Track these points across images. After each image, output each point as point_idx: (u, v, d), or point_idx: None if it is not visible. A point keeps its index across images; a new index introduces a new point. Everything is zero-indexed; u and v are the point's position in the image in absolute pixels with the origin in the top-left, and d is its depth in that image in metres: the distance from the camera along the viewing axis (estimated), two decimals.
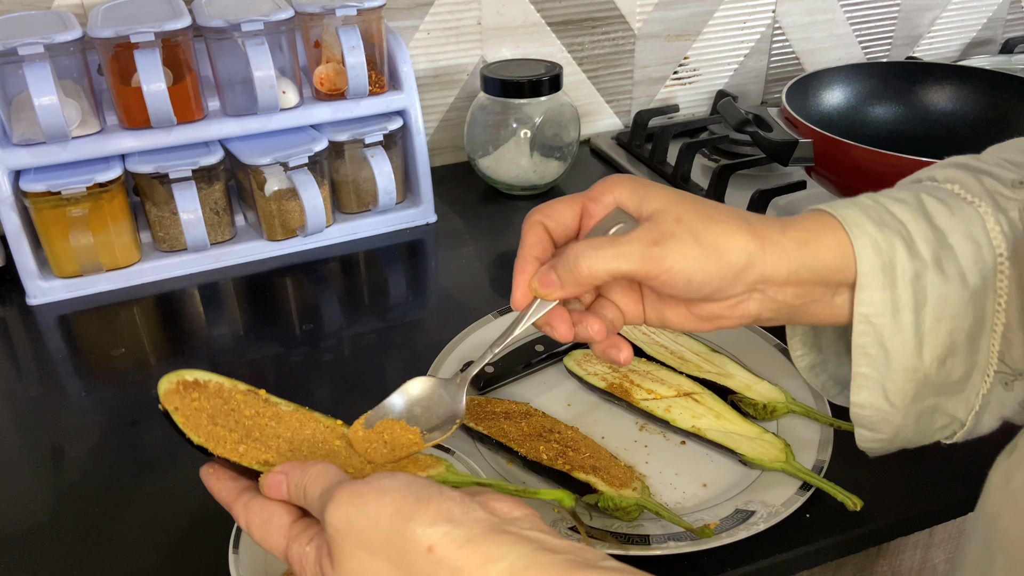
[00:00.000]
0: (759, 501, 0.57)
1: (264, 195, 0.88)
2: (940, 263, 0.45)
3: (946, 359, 0.46)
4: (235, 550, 0.51)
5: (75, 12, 0.89)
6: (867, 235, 0.45)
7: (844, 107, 0.96)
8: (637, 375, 0.67)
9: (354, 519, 0.39)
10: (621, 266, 0.44)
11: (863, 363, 0.47)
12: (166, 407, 0.48)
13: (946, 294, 0.45)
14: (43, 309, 0.83)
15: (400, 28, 1.02)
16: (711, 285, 0.45)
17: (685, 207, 0.46)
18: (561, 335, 0.48)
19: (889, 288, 0.45)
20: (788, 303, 0.47)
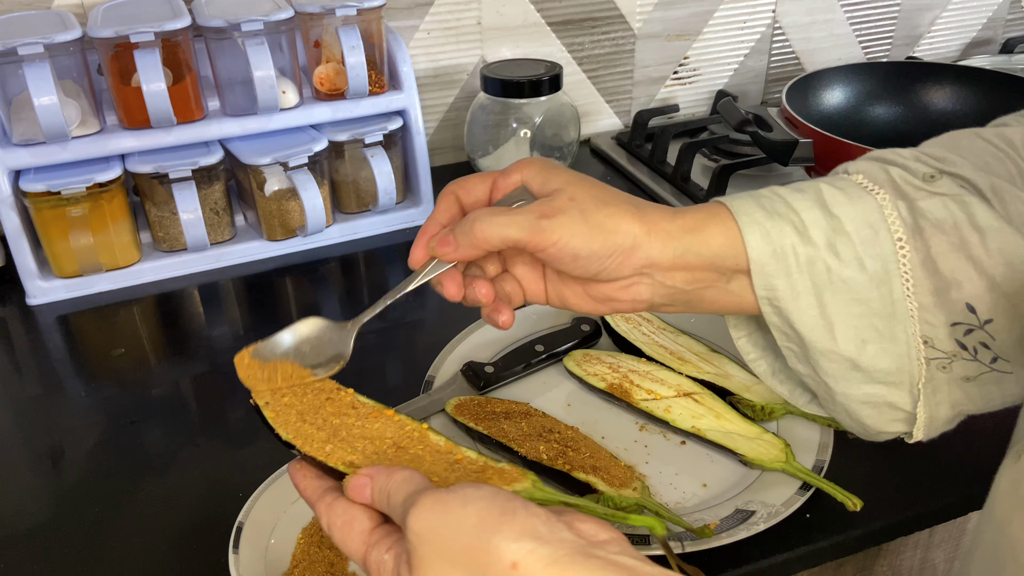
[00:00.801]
0: (759, 501, 0.57)
1: (264, 195, 0.88)
2: (835, 248, 0.46)
3: (866, 343, 0.47)
4: (235, 550, 0.51)
5: (75, 12, 0.89)
6: (756, 223, 0.47)
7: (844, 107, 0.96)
8: (637, 375, 0.67)
9: (436, 527, 0.38)
10: (511, 233, 0.47)
11: (783, 340, 0.49)
12: (257, 402, 0.49)
13: (845, 278, 0.46)
14: (43, 309, 0.83)
15: (400, 28, 1.02)
16: (596, 263, 0.47)
17: (582, 189, 0.48)
18: (450, 294, 0.51)
19: (784, 275, 0.47)
20: (679, 288, 0.49)
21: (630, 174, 1.07)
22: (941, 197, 0.46)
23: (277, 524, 0.56)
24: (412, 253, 0.52)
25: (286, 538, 0.55)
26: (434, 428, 0.50)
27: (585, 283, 0.50)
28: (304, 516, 0.57)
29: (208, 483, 0.62)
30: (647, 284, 0.49)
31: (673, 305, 0.50)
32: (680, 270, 0.48)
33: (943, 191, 0.46)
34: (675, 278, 0.48)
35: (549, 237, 0.46)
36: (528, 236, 0.47)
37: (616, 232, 0.47)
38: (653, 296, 0.49)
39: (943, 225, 0.45)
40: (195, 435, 0.67)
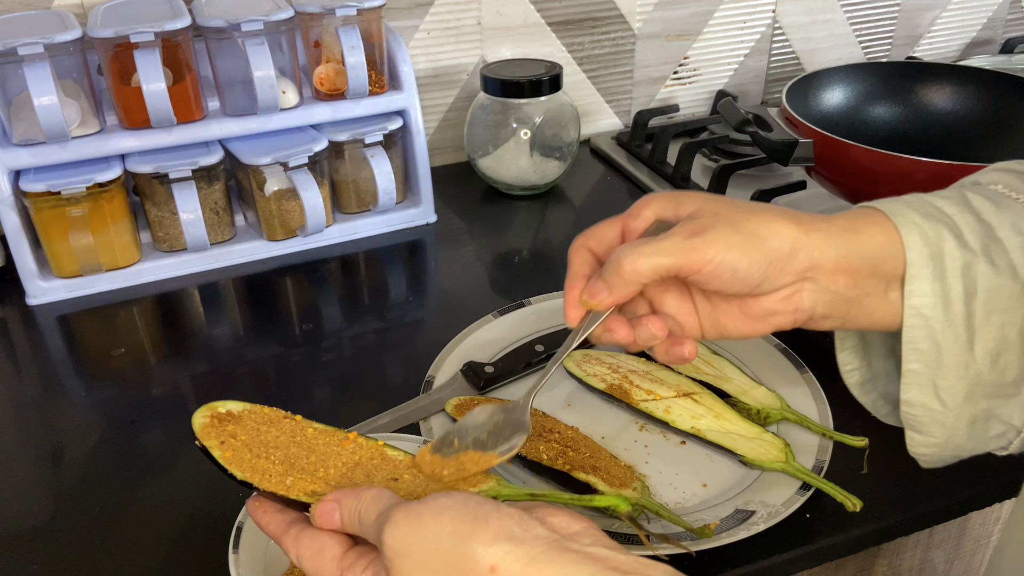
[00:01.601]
0: (759, 501, 0.57)
1: (264, 195, 0.88)
2: (990, 254, 0.45)
3: (999, 356, 0.46)
4: (235, 550, 0.51)
5: (75, 12, 0.89)
6: (914, 224, 0.45)
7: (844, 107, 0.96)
8: (636, 376, 0.67)
9: (413, 540, 0.38)
10: (663, 260, 0.45)
11: (913, 359, 0.46)
12: (203, 443, 0.47)
13: (997, 286, 0.45)
14: (43, 309, 0.83)
15: (400, 28, 1.02)
16: (758, 273, 0.45)
17: (722, 204, 0.47)
18: (621, 337, 0.50)
19: (939, 278, 0.45)
20: (842, 294, 0.47)
21: (630, 174, 1.07)
22: None
23: None
24: (567, 313, 0.50)
25: None
26: (390, 444, 0.50)
27: (742, 302, 0.48)
28: None
29: (208, 483, 0.62)
30: (809, 291, 0.47)
31: (832, 317, 0.48)
32: (843, 273, 0.46)
33: None
34: (838, 282, 0.46)
35: (704, 255, 0.44)
36: (681, 259, 0.45)
37: (773, 237, 0.45)
38: (815, 304, 0.47)
39: None
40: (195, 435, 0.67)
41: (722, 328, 0.50)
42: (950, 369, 0.46)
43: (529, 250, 0.93)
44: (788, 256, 0.45)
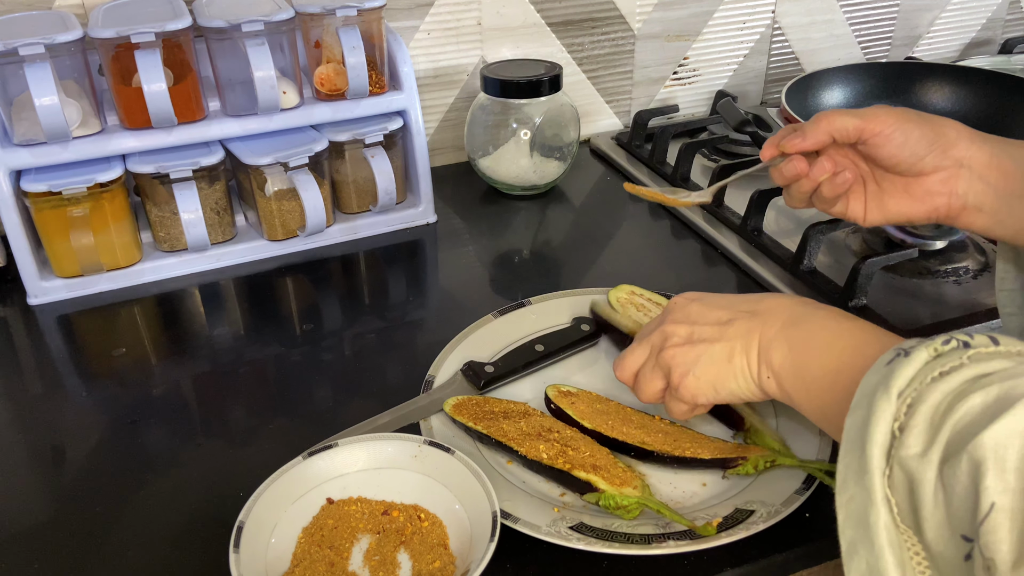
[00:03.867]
0: (759, 501, 0.57)
1: (264, 195, 0.88)
2: None
3: None
4: (235, 549, 0.51)
5: (76, 12, 0.89)
6: None
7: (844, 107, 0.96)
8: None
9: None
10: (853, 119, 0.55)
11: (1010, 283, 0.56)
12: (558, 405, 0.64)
13: None
14: (44, 309, 0.84)
15: (400, 28, 1.02)
16: (924, 145, 0.54)
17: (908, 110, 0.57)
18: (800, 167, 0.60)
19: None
20: (993, 186, 0.53)
21: (630, 174, 1.07)
22: None
23: (277, 524, 0.56)
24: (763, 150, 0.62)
25: (286, 538, 0.56)
26: None
27: (906, 181, 0.56)
28: (304, 515, 0.57)
29: (208, 483, 0.62)
30: (965, 177, 0.54)
31: (983, 210, 0.54)
32: (995, 169, 0.53)
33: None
34: (991, 175, 0.53)
35: (886, 121, 0.54)
36: (864, 122, 0.55)
37: (943, 125, 0.54)
38: (968, 191, 0.54)
39: None
40: (195, 435, 0.67)
41: (885, 207, 0.59)
42: None
43: (529, 250, 0.93)
44: (952, 141, 0.53)
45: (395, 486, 0.59)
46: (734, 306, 0.55)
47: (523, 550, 0.55)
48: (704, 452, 0.59)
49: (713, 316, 0.55)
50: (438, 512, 0.57)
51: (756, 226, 0.90)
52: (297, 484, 0.57)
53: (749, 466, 0.59)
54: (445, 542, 0.55)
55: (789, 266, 0.84)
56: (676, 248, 0.93)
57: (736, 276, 0.86)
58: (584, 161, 1.13)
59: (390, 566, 0.54)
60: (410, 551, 0.55)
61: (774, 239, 0.89)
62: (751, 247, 0.88)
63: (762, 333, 0.52)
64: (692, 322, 0.55)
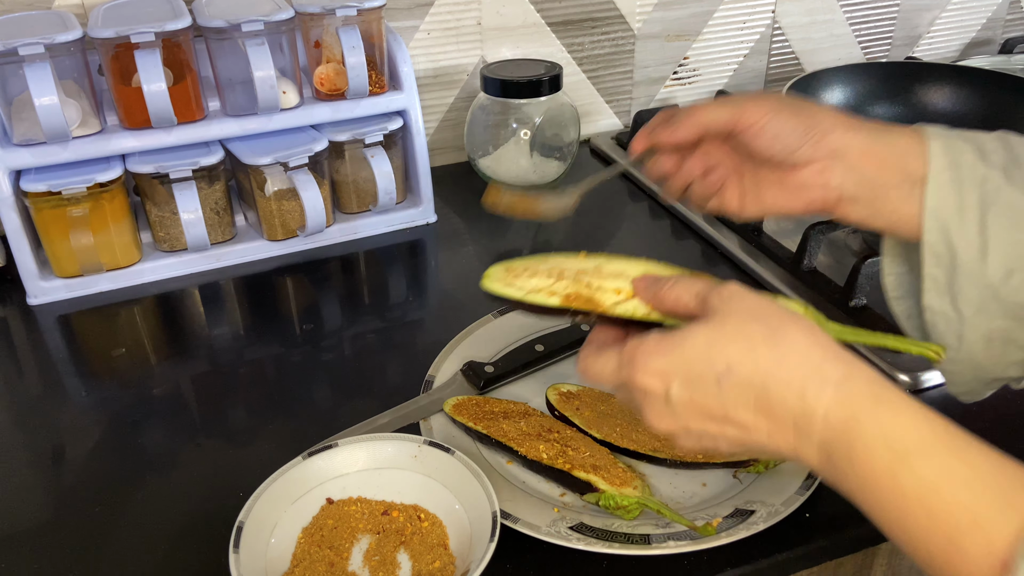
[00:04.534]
0: (759, 501, 0.57)
1: (264, 195, 0.88)
2: (1009, 174, 0.49)
3: (1013, 272, 0.48)
4: (235, 550, 0.51)
5: (75, 12, 0.89)
6: (940, 136, 0.50)
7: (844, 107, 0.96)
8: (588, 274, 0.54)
9: (746, 295, 0.46)
10: (721, 114, 0.54)
11: (931, 263, 0.50)
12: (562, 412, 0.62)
13: (1012, 202, 0.48)
14: (43, 309, 0.84)
15: (400, 28, 1.02)
16: (796, 138, 0.52)
17: (789, 98, 0.54)
18: (667, 166, 0.59)
19: (956, 184, 0.49)
20: (868, 177, 0.51)
21: (630, 174, 1.07)
22: None
23: (277, 524, 0.56)
24: (632, 144, 0.59)
25: (286, 538, 0.55)
26: None
27: (782, 174, 0.54)
28: (304, 515, 0.57)
29: (208, 483, 0.62)
30: (840, 170, 0.52)
31: (859, 201, 0.53)
32: (870, 158, 0.51)
33: None
34: (866, 166, 0.51)
35: (754, 114, 0.52)
36: (737, 113, 0.53)
37: (817, 114, 0.52)
38: (844, 182, 0.52)
39: None
40: (195, 435, 0.67)
41: (762, 200, 0.57)
42: (965, 277, 0.49)
43: (529, 250, 0.93)
44: (826, 131, 0.51)
45: (395, 486, 0.59)
46: (727, 406, 0.43)
47: (523, 550, 0.55)
48: (716, 455, 0.59)
49: (711, 430, 0.44)
50: (438, 512, 0.57)
51: (756, 226, 0.90)
52: (297, 484, 0.57)
53: (760, 466, 0.59)
54: (445, 542, 0.55)
55: (789, 266, 0.84)
56: (676, 248, 0.92)
57: (736, 276, 0.86)
58: (584, 161, 1.13)
59: (390, 566, 0.54)
60: (410, 551, 0.55)
61: (774, 239, 0.89)
62: (751, 247, 0.88)
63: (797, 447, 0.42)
64: (683, 424, 0.45)
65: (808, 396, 0.41)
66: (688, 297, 0.48)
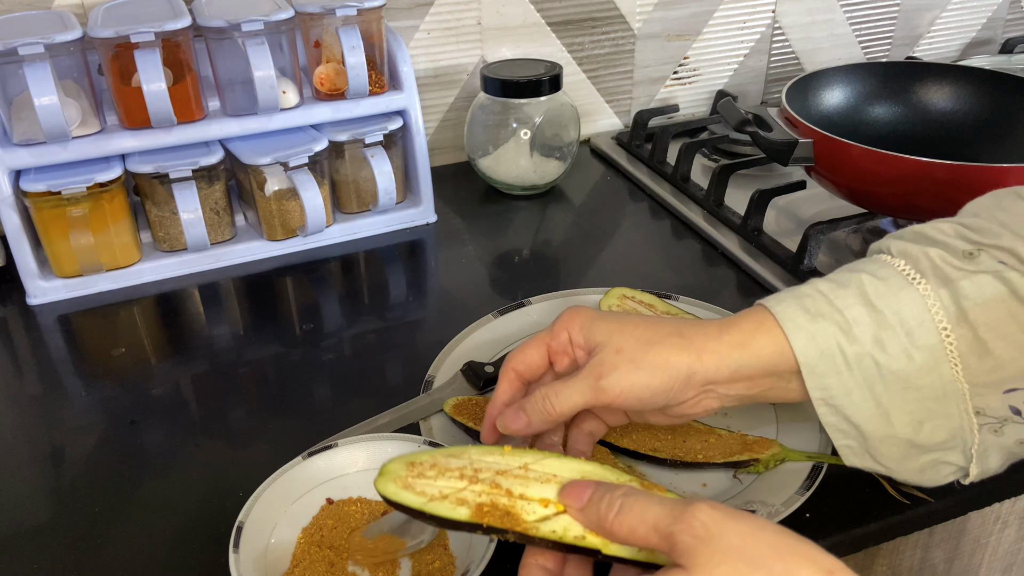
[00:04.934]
0: (759, 501, 0.57)
1: (264, 195, 0.88)
2: (881, 343, 0.48)
3: (922, 424, 0.48)
4: (235, 550, 0.51)
5: (75, 12, 0.89)
6: (800, 328, 0.49)
7: (844, 107, 0.96)
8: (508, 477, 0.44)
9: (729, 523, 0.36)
10: (577, 400, 0.51)
11: (840, 438, 0.50)
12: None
13: (895, 370, 0.48)
14: (43, 309, 0.84)
15: (400, 28, 1.02)
16: (662, 398, 0.50)
17: (624, 337, 0.51)
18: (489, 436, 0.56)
19: (835, 373, 0.48)
20: (744, 395, 0.52)
21: (630, 174, 1.07)
22: (982, 275, 0.47)
23: (277, 524, 0.56)
24: (483, 434, 0.56)
25: (286, 538, 0.55)
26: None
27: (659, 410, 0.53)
28: (304, 516, 0.57)
29: (208, 483, 0.62)
30: (713, 397, 0.51)
31: (742, 407, 0.54)
32: (740, 381, 0.50)
33: (983, 268, 0.47)
34: (736, 388, 0.51)
35: (610, 394, 0.50)
36: (593, 399, 0.50)
37: (669, 368, 0.50)
38: (723, 403, 0.52)
39: (988, 304, 0.46)
40: (195, 435, 0.67)
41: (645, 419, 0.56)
42: (878, 441, 0.49)
43: (529, 250, 0.93)
44: (686, 381, 0.50)
45: None
46: None
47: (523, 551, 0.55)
48: (716, 455, 0.59)
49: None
50: None
51: (756, 226, 0.90)
52: (297, 484, 0.57)
53: (760, 466, 0.59)
54: (445, 542, 0.55)
55: (789, 266, 0.84)
56: (676, 248, 0.92)
57: (736, 276, 0.86)
58: (584, 161, 1.13)
59: (390, 566, 0.53)
60: None
61: (774, 239, 0.89)
62: (751, 247, 0.88)
63: None
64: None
65: None
66: (644, 530, 0.38)
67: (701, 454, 0.60)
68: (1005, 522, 0.72)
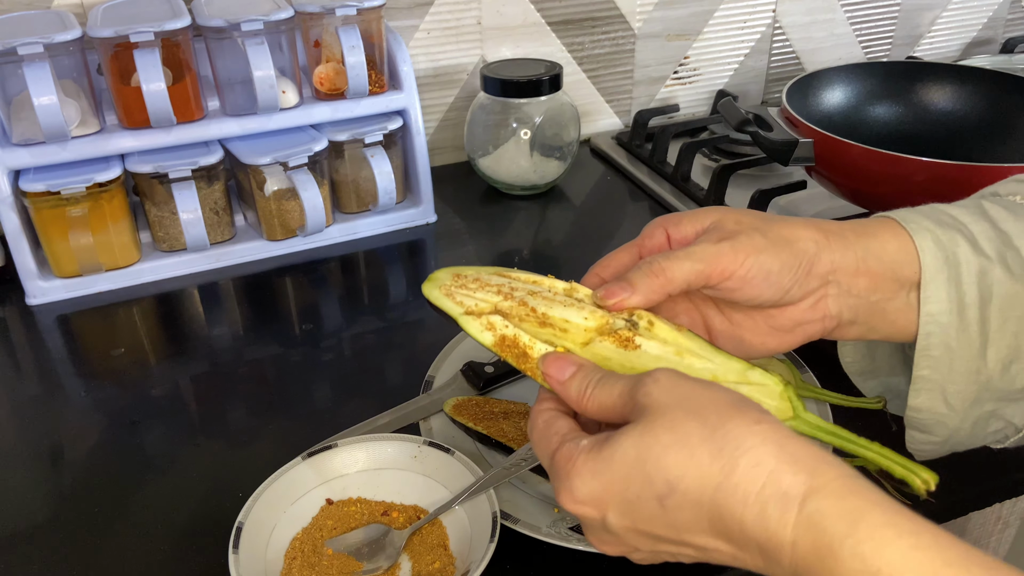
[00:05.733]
0: None
1: (264, 195, 0.88)
2: (1005, 260, 0.45)
3: (1011, 363, 0.46)
4: (235, 550, 0.51)
5: (75, 12, 0.88)
6: (927, 231, 0.45)
7: (844, 107, 0.96)
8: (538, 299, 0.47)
9: (682, 388, 0.38)
10: (696, 265, 0.44)
11: (925, 365, 0.46)
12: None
13: (1013, 292, 0.45)
14: (43, 309, 0.83)
15: (400, 28, 1.02)
16: (789, 276, 0.45)
17: (741, 213, 0.47)
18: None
19: (954, 283, 0.45)
20: (864, 298, 0.46)
21: (630, 174, 1.07)
22: None
23: (277, 524, 0.56)
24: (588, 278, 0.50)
25: (286, 538, 0.55)
26: None
27: (768, 315, 0.47)
28: (304, 516, 0.57)
29: (208, 483, 0.62)
30: (834, 295, 0.46)
31: (857, 322, 0.47)
32: (863, 275, 0.46)
33: None
34: (860, 285, 0.46)
35: (736, 258, 0.44)
36: (713, 264, 0.44)
37: (798, 240, 0.45)
38: (841, 309, 0.47)
39: None
40: (195, 435, 0.67)
41: (746, 346, 0.49)
42: (961, 375, 0.46)
43: (529, 250, 0.93)
44: (813, 258, 0.45)
45: (395, 487, 0.59)
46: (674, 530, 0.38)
47: (523, 551, 0.55)
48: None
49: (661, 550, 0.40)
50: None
51: None
52: (296, 485, 0.57)
53: None
54: (445, 543, 0.55)
55: None
56: None
57: None
58: (584, 161, 1.13)
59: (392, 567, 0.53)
60: (410, 552, 0.55)
61: None
62: None
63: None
64: (631, 547, 0.40)
65: (770, 519, 0.35)
66: (611, 400, 0.40)
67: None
68: (1006, 522, 0.72)
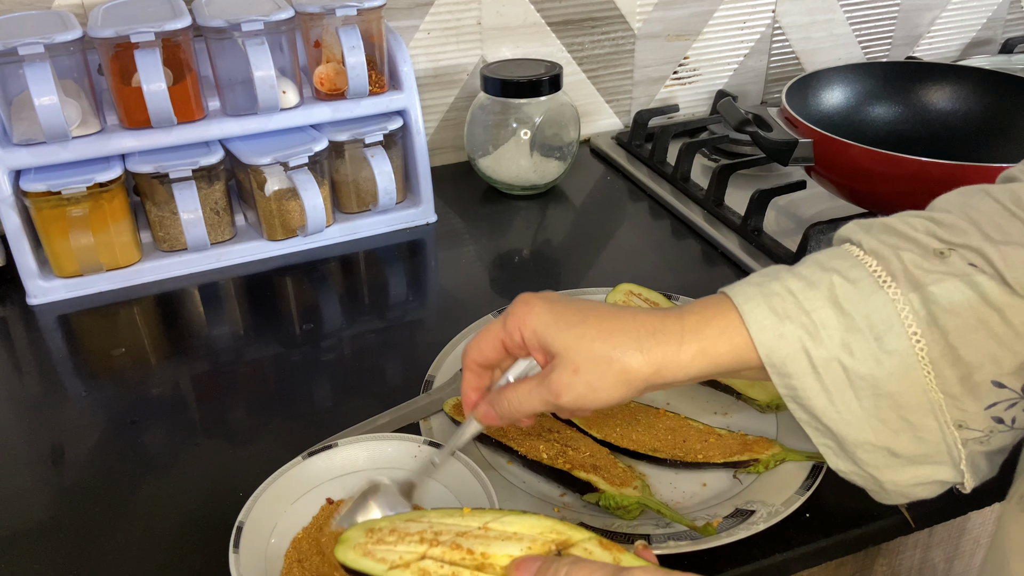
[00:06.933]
0: (759, 501, 0.57)
1: (264, 195, 0.88)
2: (849, 347, 0.46)
3: (899, 433, 0.47)
4: (235, 550, 0.51)
5: (75, 12, 0.89)
6: (766, 331, 0.47)
7: (844, 107, 0.96)
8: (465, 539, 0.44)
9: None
10: (538, 408, 0.51)
11: (817, 436, 0.49)
12: None
13: (863, 375, 0.46)
14: (43, 309, 0.84)
15: (400, 28, 1.02)
16: (619, 405, 0.52)
17: (581, 354, 0.49)
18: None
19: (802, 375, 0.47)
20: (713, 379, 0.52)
21: (630, 174, 1.07)
22: (952, 280, 0.45)
23: (277, 524, 0.56)
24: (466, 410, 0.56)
25: (286, 538, 0.55)
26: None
27: None
28: (304, 516, 0.57)
29: (208, 483, 0.62)
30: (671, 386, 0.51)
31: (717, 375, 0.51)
32: (703, 378, 0.50)
33: (954, 271, 0.45)
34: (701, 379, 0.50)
35: (570, 408, 0.51)
36: (553, 409, 0.51)
37: (628, 383, 0.49)
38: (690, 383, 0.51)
39: (958, 309, 0.45)
40: (195, 435, 0.67)
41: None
42: (855, 446, 0.48)
43: (529, 250, 0.93)
44: (643, 389, 0.50)
45: None
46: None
47: None
48: (716, 455, 0.59)
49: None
50: None
51: (756, 226, 0.90)
52: (297, 484, 0.57)
53: (760, 466, 0.59)
54: None
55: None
56: (676, 248, 0.92)
57: (736, 276, 0.86)
58: (584, 161, 1.13)
59: None
60: None
61: (774, 239, 0.89)
62: (751, 247, 0.88)
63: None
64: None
65: None
66: None
67: (701, 454, 0.60)
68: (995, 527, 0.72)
